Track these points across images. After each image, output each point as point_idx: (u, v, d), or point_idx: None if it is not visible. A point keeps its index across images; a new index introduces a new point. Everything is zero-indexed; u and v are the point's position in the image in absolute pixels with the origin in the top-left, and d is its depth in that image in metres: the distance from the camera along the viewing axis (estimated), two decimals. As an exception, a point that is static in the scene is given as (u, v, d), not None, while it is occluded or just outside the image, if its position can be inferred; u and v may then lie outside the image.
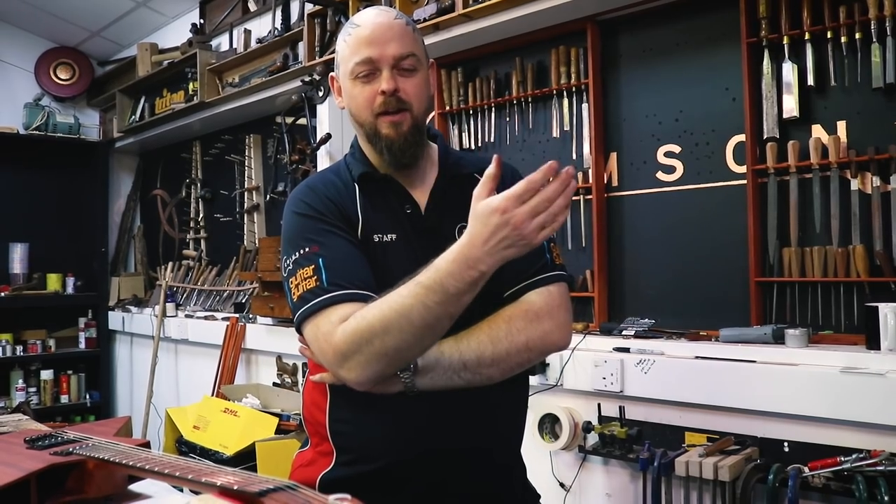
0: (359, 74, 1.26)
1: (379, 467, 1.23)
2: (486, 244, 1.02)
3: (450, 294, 1.05)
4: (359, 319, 1.10)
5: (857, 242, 2.08)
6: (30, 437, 1.23)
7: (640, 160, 2.59)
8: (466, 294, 1.06)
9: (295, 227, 1.27)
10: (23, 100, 5.16)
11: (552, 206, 1.01)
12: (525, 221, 1.01)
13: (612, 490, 2.43)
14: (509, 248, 1.03)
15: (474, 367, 1.16)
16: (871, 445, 1.85)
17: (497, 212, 1.01)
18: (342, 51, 1.30)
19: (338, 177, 1.34)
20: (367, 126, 1.28)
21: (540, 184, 1.01)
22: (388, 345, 1.08)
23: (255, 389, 3.46)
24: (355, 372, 1.11)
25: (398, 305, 1.07)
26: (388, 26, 1.26)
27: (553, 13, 2.59)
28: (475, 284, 1.05)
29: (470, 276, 1.04)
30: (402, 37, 1.26)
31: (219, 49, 4.27)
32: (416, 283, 1.07)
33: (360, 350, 1.09)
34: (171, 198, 5.19)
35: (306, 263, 1.20)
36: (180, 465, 0.96)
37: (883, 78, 2.02)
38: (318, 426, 1.32)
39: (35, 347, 5.03)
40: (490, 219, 1.02)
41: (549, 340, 1.22)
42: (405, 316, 1.06)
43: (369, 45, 1.24)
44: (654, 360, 2.27)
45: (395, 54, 1.25)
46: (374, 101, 1.25)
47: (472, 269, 1.03)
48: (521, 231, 1.01)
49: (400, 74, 1.25)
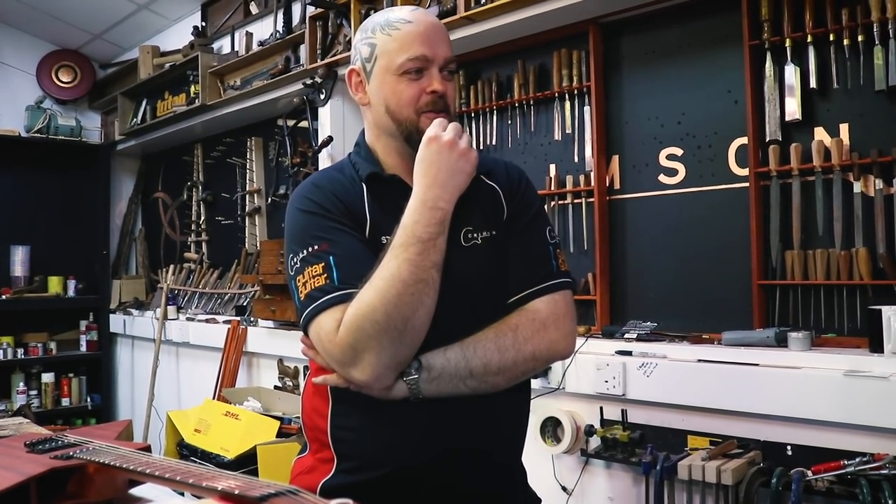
0: (408, 70, 1.24)
1: (382, 475, 1.22)
2: (436, 177, 1.15)
3: (424, 240, 1.12)
4: (354, 304, 1.11)
5: (860, 245, 2.08)
6: (30, 440, 1.22)
7: (642, 163, 2.58)
8: (438, 236, 1.14)
9: (301, 225, 1.24)
10: (24, 102, 5.17)
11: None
12: (455, 140, 1.17)
13: (614, 494, 2.42)
14: (457, 174, 1.17)
15: (480, 376, 1.16)
16: (874, 449, 1.84)
17: (433, 140, 1.17)
18: (385, 45, 1.25)
19: (342, 174, 1.31)
20: (408, 123, 1.25)
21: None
22: (391, 315, 1.08)
23: (257, 392, 3.46)
24: (363, 364, 1.10)
25: (385, 272, 1.10)
26: (440, 27, 1.28)
27: (555, 16, 2.59)
28: (442, 224, 1.15)
29: (436, 217, 1.14)
30: (448, 41, 1.28)
31: (220, 52, 4.27)
32: (391, 248, 1.13)
33: (362, 330, 1.09)
34: (172, 200, 5.19)
35: (315, 261, 1.17)
36: (181, 470, 0.96)
37: (885, 80, 2.02)
38: (318, 432, 1.30)
39: (36, 350, 5.02)
40: (429, 148, 1.17)
41: (555, 350, 1.23)
42: (396, 278, 1.09)
43: (424, 42, 1.23)
44: (657, 363, 2.26)
45: (446, 56, 1.25)
46: (420, 98, 1.24)
47: (435, 208, 1.14)
48: (457, 148, 1.17)
49: (444, 77, 1.26)
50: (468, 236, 1.29)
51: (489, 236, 1.29)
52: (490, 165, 1.38)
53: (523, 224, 1.30)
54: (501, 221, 1.31)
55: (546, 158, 2.83)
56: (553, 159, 2.82)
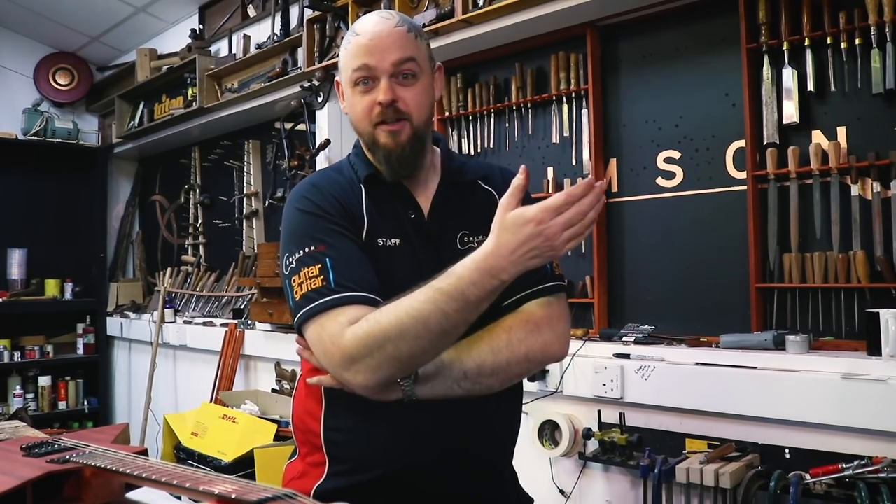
0: (357, 82, 1.24)
1: (374, 477, 1.22)
2: (513, 254, 1.04)
3: (470, 302, 1.06)
4: (372, 323, 1.09)
5: (858, 248, 2.08)
6: (26, 444, 1.22)
7: (639, 166, 2.58)
8: (485, 301, 1.08)
9: (300, 225, 1.24)
10: (22, 105, 5.16)
11: (584, 218, 1.03)
12: (558, 233, 1.03)
13: (612, 497, 2.42)
14: (535, 258, 1.05)
15: (474, 377, 1.16)
16: (872, 452, 1.84)
17: (532, 222, 1.03)
18: (343, 58, 1.28)
19: (341, 175, 1.32)
20: (366, 135, 1.27)
21: (579, 197, 1.03)
22: (401, 350, 1.07)
23: (254, 395, 3.45)
24: (363, 375, 1.10)
25: (415, 311, 1.06)
26: (387, 33, 1.24)
27: (553, 19, 2.59)
28: (495, 292, 1.07)
29: (491, 285, 1.06)
30: (401, 43, 1.24)
31: (218, 55, 4.27)
32: (434, 290, 1.07)
33: (371, 354, 1.08)
34: (169, 203, 5.18)
35: (312, 262, 1.17)
36: (178, 474, 0.95)
37: (883, 83, 2.02)
38: (310, 435, 1.29)
39: (33, 353, 5.01)
40: (522, 229, 1.03)
41: (549, 352, 1.23)
42: (422, 322, 1.06)
43: (367, 53, 1.23)
44: (655, 366, 2.26)
45: (395, 61, 1.23)
46: (372, 110, 1.24)
47: (495, 278, 1.05)
48: (552, 242, 1.03)
49: (399, 83, 1.23)
50: (464, 240, 1.30)
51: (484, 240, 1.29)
52: (486, 171, 1.39)
53: None
54: None
55: (544, 161, 2.83)
56: (551, 162, 2.82)
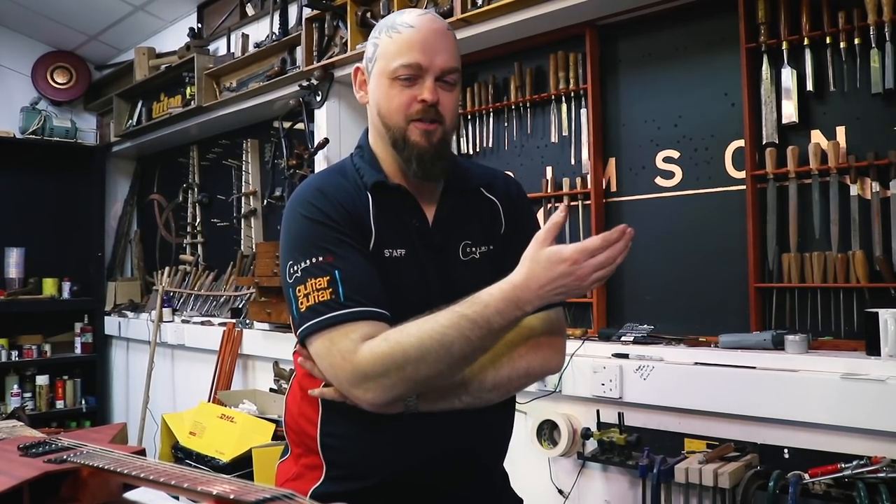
0: (401, 76, 1.21)
1: (372, 484, 1.21)
2: (542, 288, 1.06)
3: (493, 330, 1.07)
4: (392, 343, 1.07)
5: (857, 248, 2.08)
6: (24, 444, 1.22)
7: (638, 165, 2.58)
8: (505, 331, 1.10)
9: (306, 233, 1.19)
10: (20, 103, 5.15)
11: (614, 263, 1.07)
12: (588, 274, 1.06)
13: (611, 497, 2.42)
14: (561, 294, 1.08)
15: (476, 392, 1.16)
16: (871, 452, 1.84)
17: (567, 262, 1.05)
18: (385, 47, 1.23)
19: (346, 179, 1.27)
20: (395, 130, 1.23)
21: (614, 242, 1.06)
22: (420, 372, 1.07)
23: (252, 395, 3.45)
24: (373, 394, 1.08)
25: (439, 335, 1.06)
26: (442, 34, 1.23)
27: (552, 18, 2.58)
28: (516, 323, 1.10)
29: (515, 316, 1.08)
30: (451, 49, 1.23)
31: (216, 53, 4.27)
32: (459, 315, 1.07)
33: (387, 374, 1.06)
34: (168, 202, 5.18)
35: (320, 274, 1.13)
36: (176, 474, 0.95)
37: (882, 83, 2.02)
38: (305, 438, 1.28)
39: (31, 352, 5.00)
40: (556, 267, 1.06)
41: (548, 367, 1.24)
42: (445, 346, 1.06)
43: (420, 50, 1.20)
44: (654, 366, 2.26)
45: (444, 66, 1.21)
46: (411, 106, 1.21)
47: (520, 309, 1.08)
48: (581, 283, 1.06)
49: (441, 87, 1.22)
50: (467, 250, 1.29)
51: (487, 251, 1.30)
52: (490, 178, 1.37)
53: (519, 242, 1.28)
54: (499, 236, 1.32)
55: (542, 161, 2.83)
56: (549, 161, 2.81)
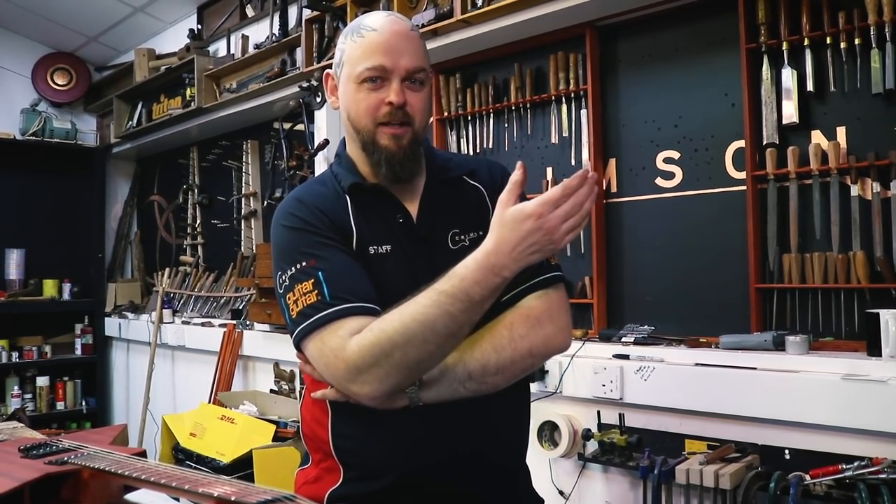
0: (366, 79, 1.22)
1: (388, 484, 1.21)
2: (514, 250, 1.04)
3: (474, 302, 1.05)
4: (377, 332, 1.08)
5: (858, 248, 2.07)
6: (24, 445, 1.22)
7: (639, 166, 2.58)
8: (489, 300, 1.07)
9: (288, 242, 1.22)
10: (20, 105, 5.14)
11: (581, 209, 1.03)
12: (557, 226, 1.03)
13: (611, 498, 2.41)
14: (536, 252, 1.05)
15: (479, 377, 1.15)
16: (873, 453, 1.84)
17: (531, 217, 1.02)
18: (351, 52, 1.25)
19: (325, 187, 1.29)
20: (364, 133, 1.24)
21: (575, 189, 1.03)
22: (409, 356, 1.06)
23: (253, 396, 3.44)
24: (370, 386, 1.08)
25: (421, 315, 1.05)
26: (405, 36, 1.23)
27: (552, 19, 2.59)
28: (498, 290, 1.07)
29: (494, 283, 1.05)
30: (416, 50, 1.24)
31: (216, 54, 4.27)
32: (437, 292, 1.06)
33: (378, 363, 1.07)
34: (168, 203, 5.18)
35: (305, 278, 1.16)
36: (177, 476, 0.95)
37: (883, 83, 2.02)
38: (320, 442, 1.29)
39: (31, 354, 5.00)
40: (522, 224, 1.03)
41: (552, 345, 1.21)
42: (429, 326, 1.05)
43: (384, 52, 1.21)
44: (654, 366, 2.26)
45: (409, 67, 1.21)
46: (379, 109, 1.22)
47: (498, 275, 1.05)
48: (552, 236, 1.03)
49: (408, 88, 1.22)
50: (455, 238, 1.29)
51: (476, 237, 1.28)
52: (472, 165, 1.37)
53: None
54: (487, 221, 1.31)
55: (543, 161, 2.83)
56: (550, 162, 2.81)
